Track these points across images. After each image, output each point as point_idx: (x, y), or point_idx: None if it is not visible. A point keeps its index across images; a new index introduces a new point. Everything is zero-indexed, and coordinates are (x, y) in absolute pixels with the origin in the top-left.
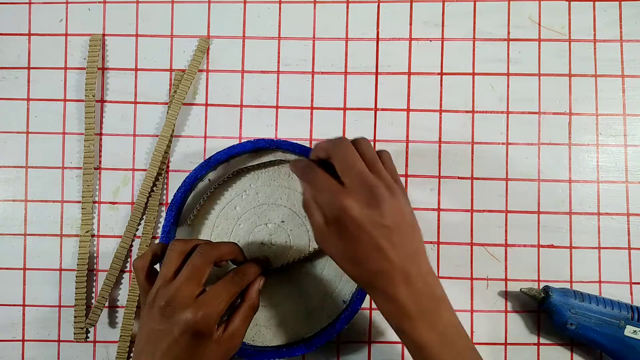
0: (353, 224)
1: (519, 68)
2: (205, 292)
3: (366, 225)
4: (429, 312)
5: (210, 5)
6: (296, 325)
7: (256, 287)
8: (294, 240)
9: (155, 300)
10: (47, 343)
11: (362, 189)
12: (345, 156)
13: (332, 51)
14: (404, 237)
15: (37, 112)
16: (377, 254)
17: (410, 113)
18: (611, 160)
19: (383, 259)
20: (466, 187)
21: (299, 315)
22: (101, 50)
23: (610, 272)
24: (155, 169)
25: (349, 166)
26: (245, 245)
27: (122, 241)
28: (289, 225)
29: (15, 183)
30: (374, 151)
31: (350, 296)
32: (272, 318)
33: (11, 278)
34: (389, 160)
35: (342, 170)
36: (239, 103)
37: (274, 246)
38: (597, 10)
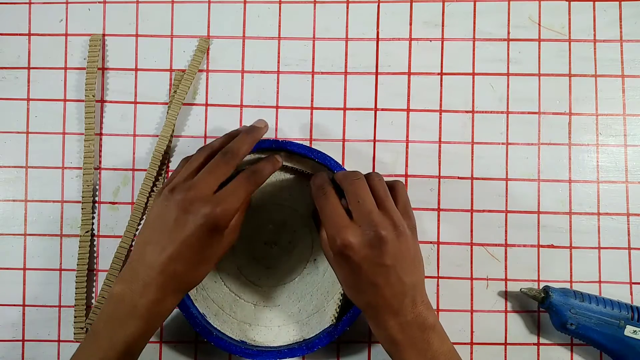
0: (353, 261)
1: (519, 68)
2: (224, 189)
3: (365, 265)
4: (418, 341)
5: (210, 5)
6: (298, 326)
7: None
8: (297, 240)
9: (173, 193)
10: (47, 343)
11: (368, 228)
12: (356, 191)
13: (332, 51)
14: (401, 274)
15: (37, 112)
16: (372, 289)
17: (410, 113)
18: (611, 160)
19: (377, 294)
20: (466, 187)
21: (301, 316)
22: (101, 50)
23: (610, 272)
24: (155, 169)
25: (358, 202)
26: (248, 246)
27: (122, 241)
28: (293, 226)
29: (15, 183)
30: (385, 187)
31: None
32: (273, 319)
33: (11, 278)
34: (402, 191)
35: (352, 205)
36: (239, 103)
37: (276, 247)
38: (597, 10)
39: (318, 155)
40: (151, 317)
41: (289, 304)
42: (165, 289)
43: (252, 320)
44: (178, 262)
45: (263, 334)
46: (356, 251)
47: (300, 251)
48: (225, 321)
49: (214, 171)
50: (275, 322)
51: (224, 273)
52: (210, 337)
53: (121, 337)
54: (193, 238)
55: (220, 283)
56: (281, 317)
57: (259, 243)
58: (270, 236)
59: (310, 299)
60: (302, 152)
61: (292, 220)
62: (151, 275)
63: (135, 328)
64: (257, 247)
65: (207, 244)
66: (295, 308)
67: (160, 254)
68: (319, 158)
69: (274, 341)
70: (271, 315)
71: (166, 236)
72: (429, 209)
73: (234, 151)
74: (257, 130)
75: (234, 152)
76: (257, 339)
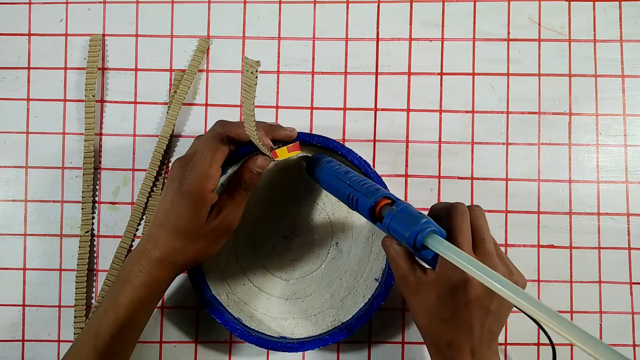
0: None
1: (519, 68)
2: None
3: (474, 305)
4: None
5: (210, 5)
6: (334, 311)
7: (259, 170)
8: (316, 228)
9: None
10: (47, 343)
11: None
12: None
13: (332, 51)
14: (494, 323)
15: (37, 112)
16: (464, 330)
17: (410, 113)
18: (611, 160)
19: (466, 335)
20: (466, 187)
21: (334, 301)
22: (101, 50)
23: (610, 272)
24: (155, 169)
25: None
26: (269, 242)
27: (122, 241)
28: (309, 215)
29: (15, 183)
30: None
31: (382, 273)
32: (308, 309)
33: (11, 278)
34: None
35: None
36: (239, 103)
37: (297, 238)
38: (597, 10)
39: (320, 140)
40: (147, 287)
41: (320, 291)
42: (157, 260)
43: (287, 315)
44: (162, 229)
45: (301, 325)
46: (475, 289)
47: (321, 238)
48: (261, 320)
49: (203, 150)
50: (310, 311)
51: (251, 273)
52: (251, 339)
53: (120, 300)
54: (172, 203)
55: (249, 284)
56: (315, 306)
57: (279, 238)
58: (288, 229)
59: (340, 282)
60: (305, 139)
61: (307, 209)
62: (144, 243)
63: (131, 294)
64: (278, 242)
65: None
66: (328, 294)
67: (153, 224)
68: (320, 143)
69: (314, 330)
70: (305, 306)
71: (160, 208)
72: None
73: (226, 132)
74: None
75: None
76: (296, 331)
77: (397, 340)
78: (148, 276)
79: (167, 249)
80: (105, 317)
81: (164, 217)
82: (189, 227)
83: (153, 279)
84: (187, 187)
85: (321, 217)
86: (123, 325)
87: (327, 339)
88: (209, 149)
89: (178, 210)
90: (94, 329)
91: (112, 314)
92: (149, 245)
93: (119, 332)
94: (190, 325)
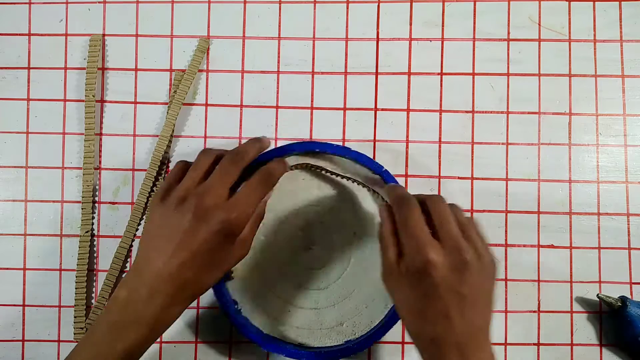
0: (431, 282)
1: (519, 68)
2: (237, 194)
3: (442, 288)
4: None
5: (210, 5)
6: (368, 311)
7: (265, 199)
8: (336, 235)
9: (184, 200)
10: (47, 343)
11: (454, 250)
12: (442, 212)
13: (332, 51)
14: (474, 311)
15: (37, 112)
16: (442, 321)
17: (410, 113)
18: (611, 160)
19: (447, 327)
20: (466, 187)
21: (367, 302)
22: (101, 50)
23: (610, 272)
24: (155, 169)
25: (443, 223)
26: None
27: (122, 241)
28: (325, 223)
29: (15, 183)
30: (467, 218)
31: None
32: (336, 318)
33: (11, 278)
34: (480, 228)
35: (440, 225)
36: (239, 103)
37: (317, 247)
38: (597, 10)
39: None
40: (156, 325)
41: (352, 297)
42: (173, 297)
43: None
44: (189, 270)
45: (329, 336)
46: (438, 270)
47: (342, 244)
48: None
49: (224, 176)
50: (337, 321)
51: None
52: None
53: (123, 344)
54: (206, 245)
55: (279, 299)
56: (348, 313)
57: (299, 249)
58: (306, 239)
59: (369, 282)
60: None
61: (324, 217)
62: (159, 282)
63: (138, 335)
64: (300, 254)
65: (219, 251)
66: (359, 299)
67: (169, 262)
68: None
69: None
70: (340, 312)
71: (176, 244)
72: None
73: (242, 154)
74: (262, 140)
75: (242, 154)
76: (323, 342)
77: (397, 340)
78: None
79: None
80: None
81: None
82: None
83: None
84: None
85: (338, 223)
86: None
87: (355, 348)
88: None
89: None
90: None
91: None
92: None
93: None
94: (190, 325)
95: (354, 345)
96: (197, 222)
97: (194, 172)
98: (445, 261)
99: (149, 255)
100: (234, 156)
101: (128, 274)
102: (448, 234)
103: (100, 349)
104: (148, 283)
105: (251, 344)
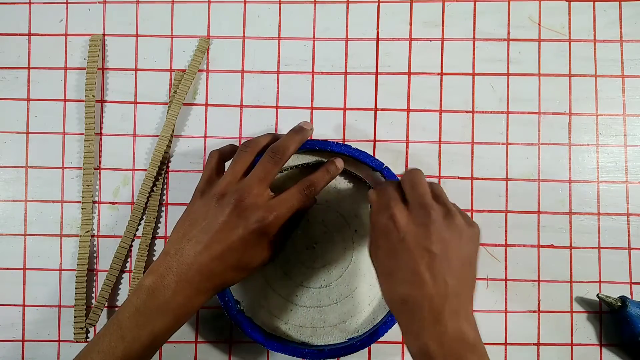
0: (396, 236)
1: (519, 68)
2: (278, 197)
3: (408, 241)
4: (454, 358)
5: (210, 5)
6: (371, 308)
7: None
8: (335, 233)
9: (225, 195)
10: (47, 343)
11: (419, 208)
12: (413, 178)
13: (332, 51)
14: (448, 270)
15: (37, 112)
16: (412, 278)
17: (410, 113)
18: (611, 160)
19: (417, 285)
20: (466, 187)
21: (370, 298)
22: (101, 50)
23: (610, 272)
24: (155, 169)
25: (413, 186)
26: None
27: (122, 241)
28: (325, 221)
29: (15, 183)
30: (443, 191)
31: None
32: (342, 314)
33: (11, 278)
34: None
35: (407, 190)
36: (239, 103)
37: (318, 245)
38: (597, 10)
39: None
40: (180, 314)
41: (354, 294)
42: (199, 287)
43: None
44: (219, 263)
45: (332, 333)
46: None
47: (343, 242)
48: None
49: (264, 175)
50: (348, 314)
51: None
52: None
53: (147, 331)
54: (241, 242)
55: (281, 298)
56: (351, 310)
57: (301, 247)
58: (308, 238)
59: (371, 279)
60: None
61: (325, 216)
62: (188, 272)
63: (162, 323)
64: (301, 252)
65: (251, 249)
66: (362, 296)
67: (201, 253)
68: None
69: (357, 330)
70: (343, 310)
71: (211, 236)
72: None
73: (282, 150)
74: (304, 130)
75: (282, 151)
76: (326, 339)
77: (397, 340)
78: (193, 307)
79: (220, 280)
80: (136, 341)
81: (225, 251)
82: (253, 264)
83: (195, 307)
84: (263, 227)
85: (338, 221)
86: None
87: (366, 341)
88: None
89: (248, 249)
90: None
91: (146, 339)
92: (199, 276)
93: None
94: (190, 325)
95: (357, 342)
96: (236, 218)
97: (235, 167)
98: (411, 216)
99: (181, 245)
100: (275, 154)
101: (156, 262)
102: (415, 193)
103: (125, 334)
104: (175, 271)
105: (251, 343)
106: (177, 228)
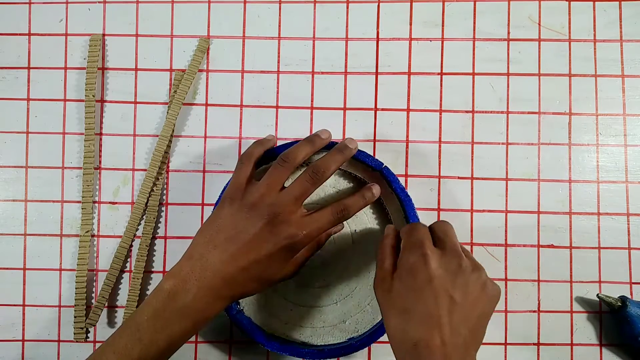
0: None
1: (519, 68)
2: (311, 216)
3: (435, 284)
4: None
5: (210, 5)
6: (371, 308)
7: (330, 231)
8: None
9: (257, 207)
10: (47, 343)
11: (452, 255)
12: (446, 227)
13: (332, 51)
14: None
15: (37, 112)
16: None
17: (410, 113)
18: (611, 160)
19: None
20: (466, 187)
21: (361, 306)
22: (101, 50)
23: (610, 272)
24: (155, 169)
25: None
26: None
27: (122, 241)
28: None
29: (15, 183)
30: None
31: None
32: (338, 316)
33: (11, 278)
34: None
35: (440, 236)
36: (239, 103)
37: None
38: (597, 10)
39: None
40: (199, 319)
41: (354, 294)
42: (219, 294)
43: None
44: (244, 273)
45: (332, 333)
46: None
47: (342, 242)
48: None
49: (300, 193)
50: (348, 314)
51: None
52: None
53: (165, 335)
54: (268, 256)
55: (281, 298)
56: (351, 310)
57: None
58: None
59: (371, 279)
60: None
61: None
62: (211, 278)
63: (180, 327)
64: None
65: (277, 263)
66: (361, 296)
67: (228, 262)
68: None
69: (357, 330)
70: (342, 310)
71: (240, 247)
72: (429, 209)
73: (323, 171)
74: (347, 150)
75: (323, 172)
76: (326, 339)
77: None
78: (211, 313)
79: (241, 289)
80: (153, 345)
81: (252, 263)
82: (275, 278)
83: (213, 313)
84: (293, 244)
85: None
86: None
87: (365, 341)
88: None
89: (274, 263)
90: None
91: (163, 343)
92: (221, 284)
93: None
94: None
95: (356, 342)
96: (268, 233)
97: (270, 180)
98: (442, 261)
99: (207, 250)
100: (315, 175)
101: (177, 265)
102: (449, 241)
103: (143, 336)
104: (198, 276)
105: (251, 343)
106: (202, 232)
